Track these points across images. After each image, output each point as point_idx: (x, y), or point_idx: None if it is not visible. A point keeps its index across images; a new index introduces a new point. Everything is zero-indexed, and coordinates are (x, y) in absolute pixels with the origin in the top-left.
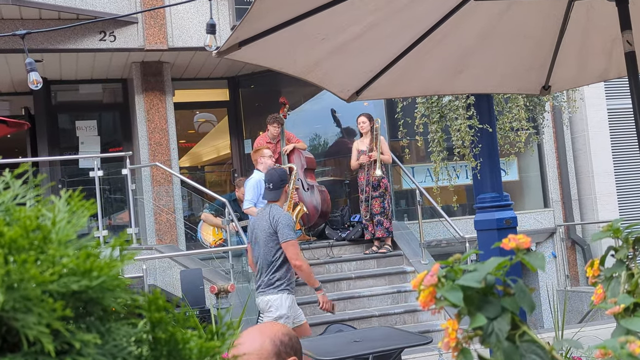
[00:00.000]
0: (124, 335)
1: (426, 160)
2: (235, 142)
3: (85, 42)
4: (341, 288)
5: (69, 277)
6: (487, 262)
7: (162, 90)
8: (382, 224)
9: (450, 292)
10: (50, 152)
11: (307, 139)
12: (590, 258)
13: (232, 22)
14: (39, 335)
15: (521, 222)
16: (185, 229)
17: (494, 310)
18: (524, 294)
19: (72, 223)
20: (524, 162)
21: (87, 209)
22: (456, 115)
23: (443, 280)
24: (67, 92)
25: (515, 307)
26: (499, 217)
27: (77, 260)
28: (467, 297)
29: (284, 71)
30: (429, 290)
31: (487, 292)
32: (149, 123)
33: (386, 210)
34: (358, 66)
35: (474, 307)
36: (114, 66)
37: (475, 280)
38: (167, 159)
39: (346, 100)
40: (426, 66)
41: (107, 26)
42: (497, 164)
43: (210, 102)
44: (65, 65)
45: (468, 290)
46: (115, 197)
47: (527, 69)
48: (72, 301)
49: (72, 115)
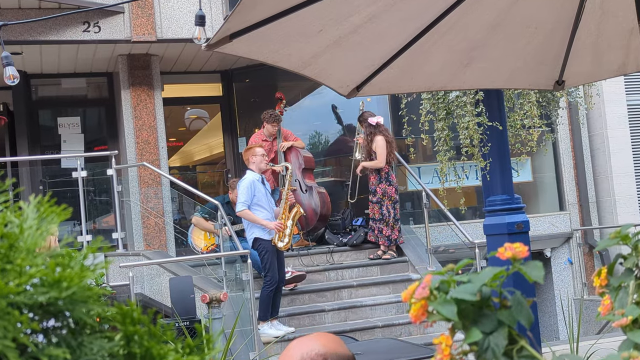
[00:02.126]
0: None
1: (433, 160)
2: (228, 140)
3: (67, 33)
4: (342, 297)
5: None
6: (482, 272)
7: (151, 84)
8: (382, 232)
9: (443, 306)
10: (30, 151)
11: (306, 137)
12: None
13: (225, 12)
14: (4, 349)
15: (534, 226)
16: (175, 234)
17: (490, 324)
18: (522, 307)
19: (41, 230)
20: (538, 162)
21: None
22: (464, 112)
23: (436, 293)
24: (49, 87)
25: (513, 320)
26: (510, 221)
27: (46, 270)
28: (461, 311)
29: (279, 65)
30: (420, 303)
31: (482, 305)
32: (136, 120)
33: (386, 217)
34: (358, 60)
35: (468, 321)
36: (98, 59)
37: (469, 293)
38: (155, 158)
39: (346, 96)
40: (431, 60)
41: (91, 16)
42: (507, 164)
43: (202, 98)
44: (47, 58)
45: (462, 303)
46: (100, 200)
47: (539, 63)
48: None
49: (53, 112)
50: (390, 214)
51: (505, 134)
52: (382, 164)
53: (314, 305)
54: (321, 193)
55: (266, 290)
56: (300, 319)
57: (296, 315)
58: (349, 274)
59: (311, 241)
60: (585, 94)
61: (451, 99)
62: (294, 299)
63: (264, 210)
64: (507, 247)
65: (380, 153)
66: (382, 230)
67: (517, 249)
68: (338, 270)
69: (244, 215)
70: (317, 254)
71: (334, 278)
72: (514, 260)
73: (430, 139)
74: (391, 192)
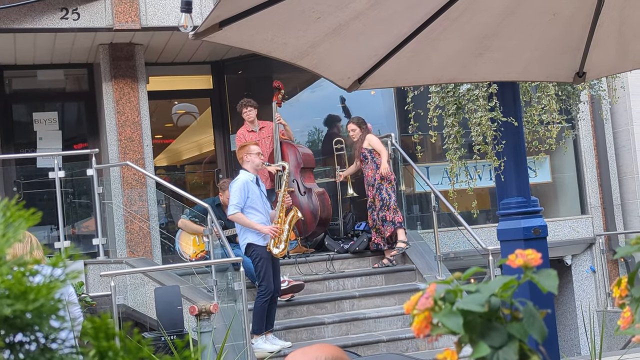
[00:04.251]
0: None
1: (442, 159)
2: (219, 138)
3: (44, 21)
4: (343, 308)
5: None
6: (491, 281)
7: (134, 76)
8: (386, 219)
9: (449, 317)
10: (3, 149)
11: (304, 134)
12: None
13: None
14: None
15: (553, 231)
16: (161, 240)
17: (499, 338)
18: (534, 319)
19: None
20: (557, 161)
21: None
22: (476, 107)
23: (440, 304)
24: (23, 79)
25: (524, 334)
26: (526, 225)
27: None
28: (468, 323)
29: (273, 56)
30: (423, 314)
31: (491, 316)
32: (118, 115)
33: (386, 201)
34: (360, 50)
35: (476, 334)
36: (77, 49)
37: (477, 303)
38: (140, 157)
39: (347, 90)
40: (440, 49)
41: (69, 2)
42: (524, 163)
43: (190, 91)
44: (21, 48)
45: (469, 315)
46: (79, 202)
47: (558, 53)
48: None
49: (29, 106)
50: (392, 197)
51: (522, 131)
52: (386, 152)
53: (313, 318)
54: (321, 195)
55: (260, 301)
56: (297, 332)
57: (293, 329)
58: (350, 283)
59: (310, 247)
60: (609, 87)
61: (462, 92)
62: (291, 311)
63: (259, 214)
64: (519, 254)
65: (380, 144)
66: (386, 217)
67: (529, 256)
68: (339, 279)
69: (237, 219)
70: (316, 261)
71: (334, 288)
72: (526, 268)
73: (439, 136)
74: (390, 176)
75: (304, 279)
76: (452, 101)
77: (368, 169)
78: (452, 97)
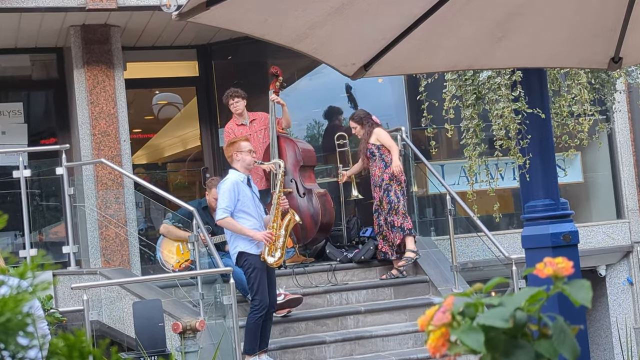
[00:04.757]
0: None
1: (459, 156)
2: (206, 132)
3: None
4: (347, 325)
5: None
6: (517, 294)
7: (110, 62)
8: (394, 225)
9: (468, 334)
10: None
11: (303, 128)
12: None
13: None
14: None
15: (585, 238)
16: (141, 247)
17: (525, 358)
18: (565, 336)
19: None
20: (590, 158)
21: None
22: (497, 97)
23: (459, 319)
24: None
25: (553, 353)
26: (555, 231)
27: None
28: (490, 341)
29: (267, 39)
30: (440, 331)
31: (516, 333)
32: (92, 106)
33: (394, 204)
34: (366, 32)
35: (499, 353)
36: (45, 31)
37: (500, 318)
38: (116, 154)
39: (351, 77)
40: (457, 32)
41: None
42: (552, 161)
43: (174, 79)
44: None
45: (491, 331)
46: (47, 205)
47: (591, 36)
48: None
49: None
50: (400, 200)
51: (549, 124)
52: (397, 148)
53: (313, 336)
54: (322, 197)
55: (253, 317)
56: (295, 352)
57: (290, 348)
58: (355, 297)
59: (309, 256)
60: None
61: (482, 80)
62: (288, 328)
63: (251, 218)
64: (548, 262)
65: (389, 139)
66: (394, 222)
67: (559, 264)
68: (342, 292)
69: (226, 225)
70: (316, 272)
71: (337, 302)
72: (556, 278)
73: (456, 129)
74: (400, 176)
75: (303, 292)
76: (471, 90)
77: (375, 167)
78: (470, 85)
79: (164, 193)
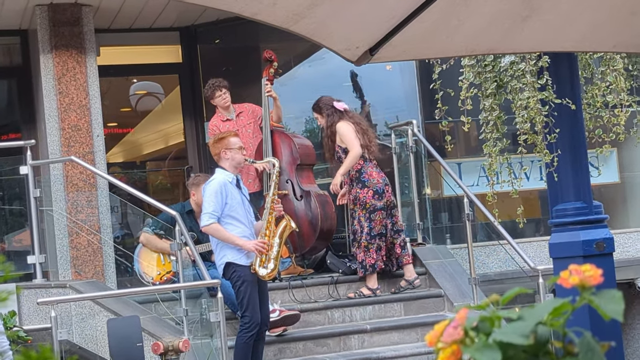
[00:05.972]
0: None
1: (478, 153)
2: (191, 126)
3: None
4: (350, 346)
5: None
6: (539, 306)
7: (82, 47)
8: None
9: (483, 352)
10: None
11: (300, 122)
12: None
13: None
14: None
15: (622, 245)
16: (116, 257)
17: None
18: (593, 354)
19: None
20: (627, 155)
21: None
22: (521, 85)
23: (472, 334)
24: None
25: None
26: (587, 238)
27: None
28: (508, 359)
29: (259, 19)
30: (451, 348)
31: (538, 351)
32: (61, 97)
33: (357, 234)
34: (372, 11)
35: None
36: (8, 11)
37: (520, 334)
38: (88, 151)
39: (355, 63)
40: (475, 11)
41: None
42: (583, 159)
43: (153, 66)
44: None
45: (510, 349)
46: (10, 209)
47: (628, 14)
48: None
49: None
50: (364, 229)
51: (580, 116)
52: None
53: (312, 358)
54: (322, 200)
55: (244, 336)
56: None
57: None
58: (360, 313)
59: (307, 267)
60: None
61: (504, 66)
62: (283, 349)
63: (240, 225)
64: (573, 270)
65: (349, 139)
66: (355, 256)
67: (586, 272)
68: (345, 308)
69: (212, 232)
70: (315, 285)
71: (339, 319)
72: (582, 288)
73: (474, 123)
74: (365, 197)
75: (300, 307)
76: (491, 78)
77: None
78: (490, 72)
79: (142, 195)
